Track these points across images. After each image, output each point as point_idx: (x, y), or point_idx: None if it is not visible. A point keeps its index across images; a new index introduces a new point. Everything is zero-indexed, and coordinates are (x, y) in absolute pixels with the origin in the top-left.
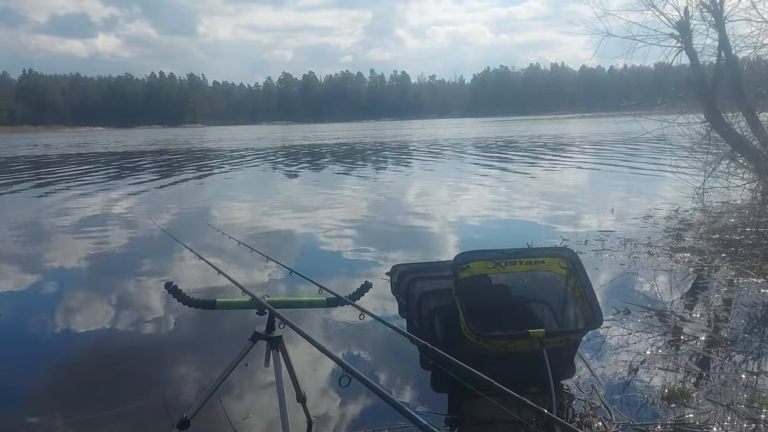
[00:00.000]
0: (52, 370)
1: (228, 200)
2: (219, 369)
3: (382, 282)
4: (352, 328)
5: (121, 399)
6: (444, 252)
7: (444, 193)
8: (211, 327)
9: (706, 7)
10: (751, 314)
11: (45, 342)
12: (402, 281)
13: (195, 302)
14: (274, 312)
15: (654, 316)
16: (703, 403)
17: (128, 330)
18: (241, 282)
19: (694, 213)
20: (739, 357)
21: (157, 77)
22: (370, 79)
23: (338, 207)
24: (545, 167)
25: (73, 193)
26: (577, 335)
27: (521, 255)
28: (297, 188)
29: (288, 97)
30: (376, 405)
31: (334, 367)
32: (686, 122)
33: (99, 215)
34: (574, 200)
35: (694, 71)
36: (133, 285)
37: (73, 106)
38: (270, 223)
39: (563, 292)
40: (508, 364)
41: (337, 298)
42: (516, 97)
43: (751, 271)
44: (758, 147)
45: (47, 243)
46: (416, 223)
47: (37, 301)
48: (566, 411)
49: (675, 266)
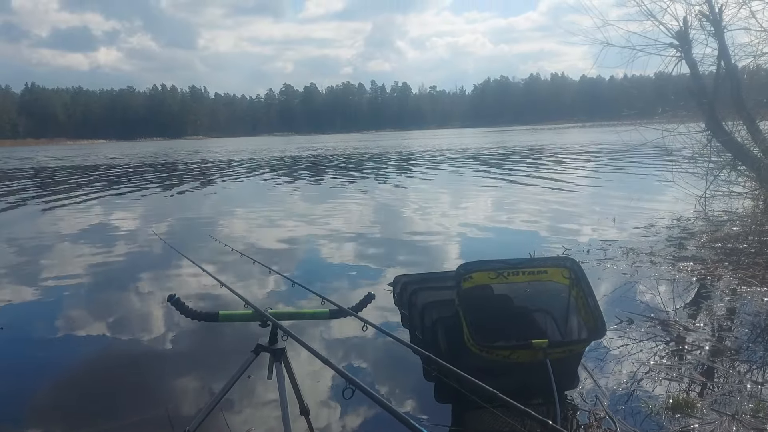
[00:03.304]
0: (54, 382)
1: (230, 211)
2: (221, 381)
3: (384, 293)
4: (354, 339)
5: (123, 412)
6: (446, 262)
7: (446, 204)
8: (214, 339)
9: (706, 16)
10: (755, 323)
11: (46, 354)
12: (405, 292)
13: (197, 314)
14: (277, 324)
15: (657, 325)
16: (707, 414)
17: (130, 342)
18: (244, 294)
19: (696, 222)
20: (743, 366)
21: (158, 90)
22: (371, 90)
23: (340, 217)
24: (546, 177)
25: (74, 204)
26: (580, 345)
27: (524, 265)
28: (299, 199)
29: (289, 108)
30: (380, 417)
31: (337, 379)
32: (687, 131)
33: (100, 226)
34: (576, 210)
35: (694, 80)
36: (135, 297)
37: (75, 119)
38: (272, 234)
39: (566, 302)
40: (511, 375)
41: (339, 310)
42: (517, 107)
43: (754, 280)
44: (759, 155)
45: (47, 254)
46: (418, 233)
47: (39, 314)
48: (570, 422)
49: (677, 275)
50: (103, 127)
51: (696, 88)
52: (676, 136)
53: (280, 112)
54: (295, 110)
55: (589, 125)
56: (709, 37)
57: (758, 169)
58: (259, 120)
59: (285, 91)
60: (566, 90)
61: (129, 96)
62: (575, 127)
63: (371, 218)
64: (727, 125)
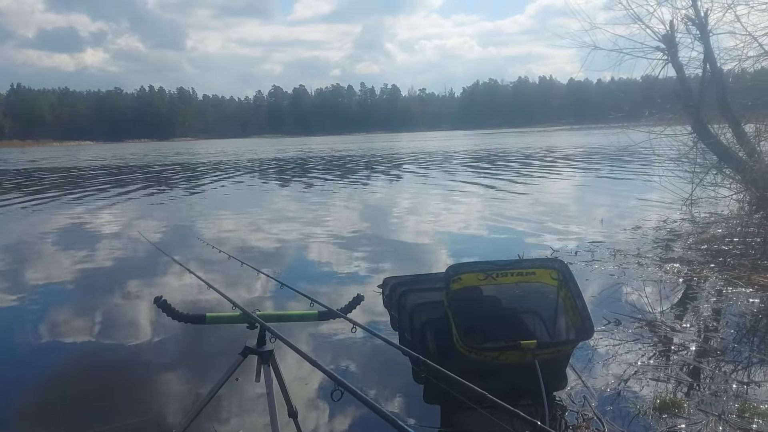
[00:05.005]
0: (39, 387)
1: (218, 214)
2: (209, 384)
3: (373, 295)
4: (343, 341)
5: (109, 417)
6: (435, 264)
7: (435, 206)
8: (201, 342)
9: (691, 20)
10: (741, 324)
11: (32, 359)
12: (394, 294)
13: (185, 317)
14: (265, 326)
15: (644, 326)
16: (694, 414)
17: (116, 346)
18: (232, 296)
19: (683, 223)
20: (729, 367)
21: (146, 91)
22: (360, 93)
23: (328, 219)
24: (534, 179)
25: (60, 206)
26: (568, 346)
27: (512, 266)
28: (287, 201)
29: (278, 110)
30: (369, 418)
31: (326, 381)
32: (673, 134)
33: (87, 229)
34: (564, 212)
35: (680, 83)
36: (121, 300)
37: (61, 121)
38: (260, 236)
39: (554, 303)
40: (500, 376)
41: (328, 312)
42: (505, 110)
43: (739, 281)
44: (744, 158)
45: (33, 257)
46: (407, 234)
47: (24, 318)
48: (559, 423)
49: (664, 276)
50: (91, 129)
51: (682, 91)
52: (663, 138)
53: (269, 114)
54: (285, 112)
55: (577, 128)
56: (695, 41)
57: (743, 171)
58: (248, 122)
59: (274, 92)
60: (554, 93)
61: (116, 97)
62: (563, 129)
63: (360, 219)
64: (712, 128)
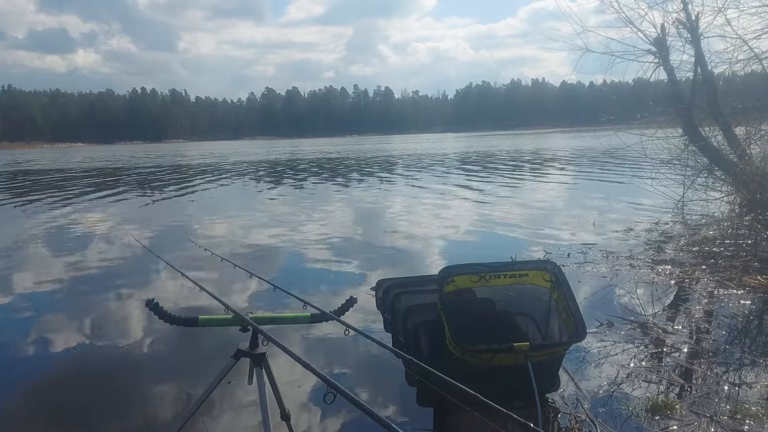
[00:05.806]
0: (29, 391)
1: (210, 216)
2: (201, 387)
3: (367, 297)
4: (336, 343)
5: (100, 420)
6: (428, 266)
7: (427, 208)
8: (194, 345)
9: (683, 24)
10: (732, 325)
11: (22, 363)
12: (387, 296)
13: (177, 319)
14: (258, 329)
15: (637, 328)
16: (686, 415)
17: (108, 349)
18: (224, 299)
19: (674, 226)
20: (720, 368)
21: (138, 93)
22: (353, 95)
23: (321, 222)
24: (527, 181)
25: (50, 209)
26: (561, 348)
27: (505, 268)
28: (279, 204)
29: (271, 112)
30: (361, 421)
31: (319, 384)
32: (665, 136)
33: (78, 231)
34: (556, 214)
35: (671, 86)
36: (113, 303)
37: (52, 122)
38: (253, 238)
39: (547, 305)
40: (493, 378)
41: (321, 314)
42: (498, 113)
43: (731, 283)
44: (735, 160)
45: (24, 260)
46: (400, 237)
47: (14, 321)
48: (552, 425)
49: (656, 278)
50: (82, 131)
51: (673, 94)
52: (655, 141)
53: (263, 116)
54: (278, 114)
55: (569, 130)
56: (686, 44)
57: (734, 173)
58: (241, 124)
59: (267, 94)
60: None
61: (108, 99)
62: (555, 132)
63: (353, 222)
64: (703, 130)
